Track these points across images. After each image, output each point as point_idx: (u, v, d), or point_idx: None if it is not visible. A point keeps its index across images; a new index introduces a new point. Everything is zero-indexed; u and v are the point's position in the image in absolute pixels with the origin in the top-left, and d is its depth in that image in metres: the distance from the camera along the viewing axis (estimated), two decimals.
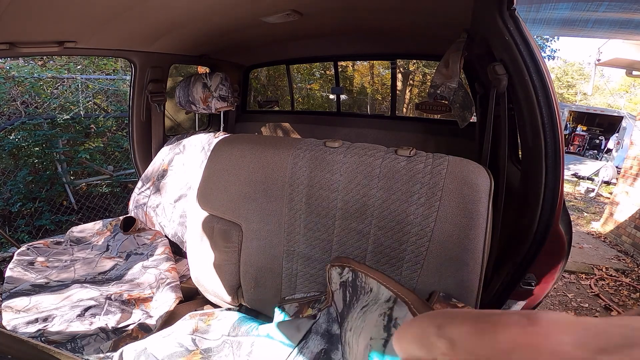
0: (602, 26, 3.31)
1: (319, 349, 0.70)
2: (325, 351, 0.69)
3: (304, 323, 0.76)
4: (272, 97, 5.92)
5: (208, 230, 1.02)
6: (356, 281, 0.67)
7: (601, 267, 3.38)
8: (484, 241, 0.74)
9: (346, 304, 0.69)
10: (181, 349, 0.78)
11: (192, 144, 1.54)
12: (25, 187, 3.25)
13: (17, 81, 3.33)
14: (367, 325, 0.58)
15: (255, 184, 0.93)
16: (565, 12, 3.11)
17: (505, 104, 0.94)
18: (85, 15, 1.03)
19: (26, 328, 0.91)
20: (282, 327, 0.78)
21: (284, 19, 1.29)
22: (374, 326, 0.57)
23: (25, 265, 1.20)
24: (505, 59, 0.87)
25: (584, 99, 18.77)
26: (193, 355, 0.77)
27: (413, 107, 8.29)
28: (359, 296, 0.66)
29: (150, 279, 1.20)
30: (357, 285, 0.67)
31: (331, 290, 0.75)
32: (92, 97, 3.81)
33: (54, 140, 3.39)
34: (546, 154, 0.82)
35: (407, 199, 0.78)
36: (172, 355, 0.76)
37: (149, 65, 1.61)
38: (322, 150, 0.88)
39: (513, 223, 0.95)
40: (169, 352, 0.77)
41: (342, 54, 2.16)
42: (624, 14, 2.99)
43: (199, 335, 0.82)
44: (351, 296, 0.67)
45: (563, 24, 3.41)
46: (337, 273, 0.71)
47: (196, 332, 0.83)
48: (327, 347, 0.70)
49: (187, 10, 1.16)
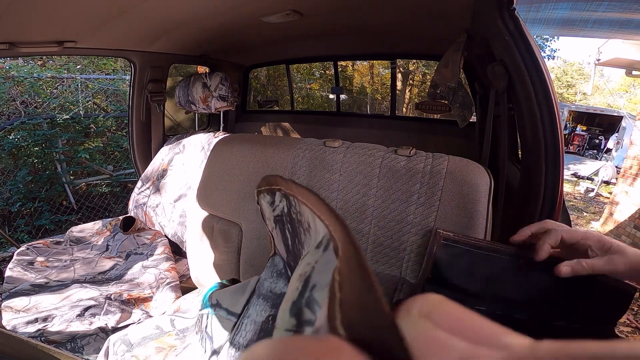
0: (602, 26, 3.31)
1: (264, 316, 0.51)
2: (273, 317, 0.49)
3: (252, 282, 0.60)
4: (272, 96, 5.92)
5: (208, 230, 1.02)
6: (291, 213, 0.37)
7: None
8: None
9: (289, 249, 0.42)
10: (156, 332, 0.75)
11: (192, 144, 1.54)
12: (24, 187, 3.25)
13: (17, 81, 3.33)
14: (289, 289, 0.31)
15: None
16: (565, 12, 3.11)
17: (505, 103, 0.94)
18: (85, 15, 1.03)
19: (26, 328, 0.91)
20: (229, 291, 0.64)
21: (283, 18, 1.29)
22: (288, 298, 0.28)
23: (25, 265, 1.20)
24: (505, 58, 0.87)
25: (584, 98, 18.78)
26: (167, 336, 0.73)
27: (413, 106, 8.29)
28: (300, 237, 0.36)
29: (150, 278, 1.20)
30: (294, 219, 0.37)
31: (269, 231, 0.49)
32: (91, 97, 3.81)
33: (54, 140, 3.40)
34: (546, 153, 0.82)
35: (406, 198, 0.78)
36: (145, 339, 0.73)
37: (149, 65, 1.61)
38: (322, 150, 0.88)
39: (513, 223, 0.96)
40: (142, 335, 0.74)
41: (342, 53, 2.16)
42: (623, 14, 2.99)
43: (178, 315, 0.78)
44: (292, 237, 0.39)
45: (563, 24, 3.41)
46: (267, 203, 0.43)
47: (177, 312, 0.79)
48: (275, 312, 0.49)
49: (187, 10, 1.16)
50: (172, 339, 0.72)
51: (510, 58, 0.84)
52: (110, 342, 0.76)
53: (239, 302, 0.59)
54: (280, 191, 0.39)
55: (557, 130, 0.80)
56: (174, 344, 0.71)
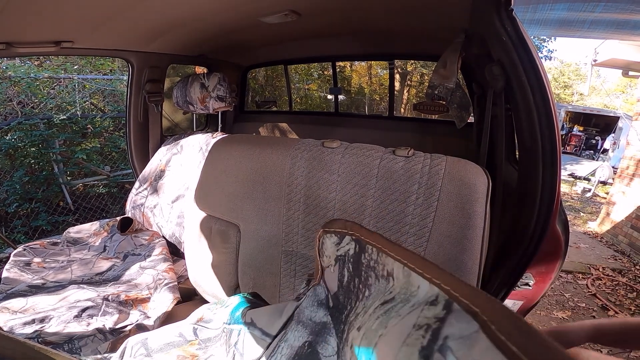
0: (599, 27, 3.33)
1: (301, 341, 0.54)
2: (310, 344, 0.53)
3: (289, 307, 0.62)
4: (270, 97, 5.92)
5: (206, 230, 1.02)
6: (361, 257, 0.44)
7: (598, 266, 3.40)
8: (481, 241, 0.74)
9: (342, 285, 0.49)
10: (179, 339, 0.73)
11: (190, 145, 1.53)
12: (21, 188, 3.23)
13: (14, 81, 3.32)
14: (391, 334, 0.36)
15: (253, 184, 0.93)
16: (562, 13, 3.13)
17: (502, 104, 0.95)
18: (83, 15, 1.03)
19: (23, 329, 0.91)
20: (265, 312, 0.66)
21: (282, 19, 1.29)
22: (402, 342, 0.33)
23: (22, 266, 1.19)
24: (503, 59, 0.87)
25: (581, 99, 18.88)
26: (190, 345, 0.72)
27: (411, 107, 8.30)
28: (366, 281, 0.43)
29: (148, 279, 1.20)
30: (362, 263, 0.44)
31: (321, 265, 0.56)
32: (89, 97, 3.79)
33: (51, 141, 3.38)
34: (543, 154, 0.82)
35: (405, 199, 0.78)
36: (168, 345, 0.72)
37: (147, 66, 1.61)
38: (320, 151, 0.88)
39: (510, 223, 0.96)
40: (165, 342, 0.72)
41: (340, 54, 2.16)
42: (620, 15, 3.01)
43: (201, 324, 0.77)
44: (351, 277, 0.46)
45: (560, 25, 3.42)
46: (333, 243, 0.50)
47: (200, 322, 0.78)
48: (312, 339, 0.53)
49: (185, 10, 1.16)
50: (195, 348, 0.71)
51: (507, 59, 0.84)
52: (128, 344, 0.75)
53: (275, 325, 0.60)
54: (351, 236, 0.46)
55: (554, 131, 0.81)
56: (196, 353, 0.71)
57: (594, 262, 3.51)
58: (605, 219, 4.37)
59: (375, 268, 0.41)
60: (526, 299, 1.04)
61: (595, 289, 2.96)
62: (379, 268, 0.40)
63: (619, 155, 7.35)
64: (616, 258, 3.66)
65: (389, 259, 0.39)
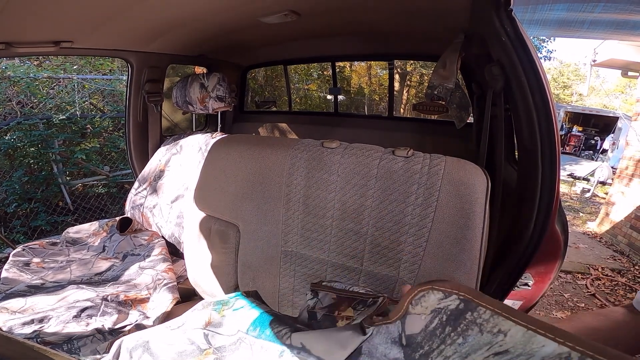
0: (598, 27, 3.33)
1: None
2: None
3: (348, 338, 0.61)
4: (269, 97, 5.92)
5: (205, 231, 1.02)
6: (465, 314, 0.47)
7: (597, 267, 3.40)
8: (481, 241, 0.74)
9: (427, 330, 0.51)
10: (191, 347, 0.67)
11: (189, 145, 1.53)
12: (20, 188, 3.23)
13: (13, 81, 3.31)
14: None
15: (252, 185, 0.93)
16: (561, 13, 3.13)
17: (502, 104, 0.95)
18: (82, 15, 1.03)
19: (22, 329, 0.91)
20: (317, 338, 0.64)
21: (282, 19, 1.29)
22: None
23: (21, 266, 1.19)
24: (502, 59, 0.87)
25: (580, 99, 18.89)
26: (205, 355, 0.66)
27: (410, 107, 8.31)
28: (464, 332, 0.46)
29: (147, 279, 1.20)
30: (466, 318, 0.46)
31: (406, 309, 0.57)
32: (88, 97, 3.79)
33: (50, 141, 3.38)
34: (542, 154, 0.82)
35: (404, 199, 0.78)
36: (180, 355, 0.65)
37: (146, 66, 1.61)
38: (320, 151, 0.88)
39: (510, 223, 0.96)
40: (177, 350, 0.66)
41: (340, 54, 2.16)
42: (620, 15, 3.01)
43: (212, 329, 0.71)
44: (441, 325, 0.49)
45: (559, 25, 3.43)
46: (438, 298, 0.53)
47: (209, 326, 0.72)
48: None
49: (185, 10, 1.16)
50: (211, 358, 0.66)
51: (507, 59, 0.85)
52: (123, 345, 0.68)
53: (335, 355, 0.60)
54: (458, 295, 0.50)
55: (553, 131, 0.81)
56: None
57: (593, 262, 3.51)
58: (605, 219, 4.37)
59: (482, 325, 0.44)
60: (525, 299, 1.04)
61: (595, 289, 2.96)
62: (487, 325, 0.44)
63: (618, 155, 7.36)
64: (615, 258, 3.67)
65: (508, 321, 0.42)
